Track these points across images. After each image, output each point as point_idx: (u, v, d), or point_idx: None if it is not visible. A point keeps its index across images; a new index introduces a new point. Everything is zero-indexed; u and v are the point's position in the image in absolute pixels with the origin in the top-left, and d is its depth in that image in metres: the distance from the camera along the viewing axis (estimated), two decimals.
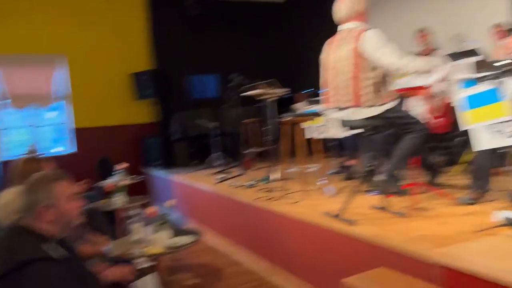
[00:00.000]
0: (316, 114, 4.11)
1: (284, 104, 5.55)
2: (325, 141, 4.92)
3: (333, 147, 5.38)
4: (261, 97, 4.13)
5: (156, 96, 7.66)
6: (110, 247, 2.93)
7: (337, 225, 2.95)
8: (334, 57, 3.08)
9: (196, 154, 7.34)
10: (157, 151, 7.40)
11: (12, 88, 6.98)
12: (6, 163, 6.64)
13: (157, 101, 7.77)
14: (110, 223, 3.73)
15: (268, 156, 5.16)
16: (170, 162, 7.28)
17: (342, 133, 3.97)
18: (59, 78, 7.36)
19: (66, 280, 1.69)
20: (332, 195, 3.87)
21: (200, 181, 5.56)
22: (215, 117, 6.90)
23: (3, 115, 7.06)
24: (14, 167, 3.08)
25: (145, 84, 7.56)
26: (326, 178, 4.42)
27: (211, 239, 4.91)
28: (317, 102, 4.55)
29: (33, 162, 3.03)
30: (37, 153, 4.95)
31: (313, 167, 4.51)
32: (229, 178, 5.39)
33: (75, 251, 1.98)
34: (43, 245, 1.73)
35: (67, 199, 1.85)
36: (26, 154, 4.37)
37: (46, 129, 7.73)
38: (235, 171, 5.93)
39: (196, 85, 8.02)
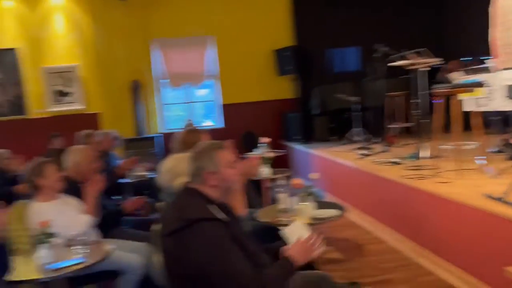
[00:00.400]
0: (477, 85, 3.65)
1: (433, 76, 5.08)
2: (486, 115, 4.37)
3: (495, 122, 4.77)
4: (411, 67, 3.83)
5: (296, 72, 7.74)
6: (257, 213, 3.10)
7: (501, 209, 2.62)
8: (503, 7, 2.65)
9: (335, 129, 7.25)
10: (297, 125, 7.52)
11: (171, 68, 7.78)
12: (166, 135, 7.53)
13: (297, 76, 7.85)
14: (257, 192, 3.94)
15: (416, 132, 4.81)
16: (309, 136, 7.35)
17: (510, 104, 3.46)
18: (210, 58, 7.95)
19: (228, 240, 1.82)
20: (492, 176, 3.44)
21: (341, 156, 5.49)
22: (356, 90, 6.69)
23: (164, 93, 7.96)
24: (177, 137, 3.45)
25: (286, 60, 7.69)
26: (485, 157, 3.95)
27: (353, 214, 4.84)
28: (477, 71, 4.04)
29: (193, 133, 3.35)
30: (195, 126, 5.44)
31: (470, 144, 4.05)
32: (372, 154, 5.21)
33: (234, 215, 2.13)
34: (209, 207, 1.90)
35: (228, 166, 1.99)
36: (185, 127, 4.85)
37: (198, 105, 8.48)
38: (378, 147, 5.69)
39: (336, 58, 7.87)
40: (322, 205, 3.13)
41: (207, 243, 1.79)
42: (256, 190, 3.85)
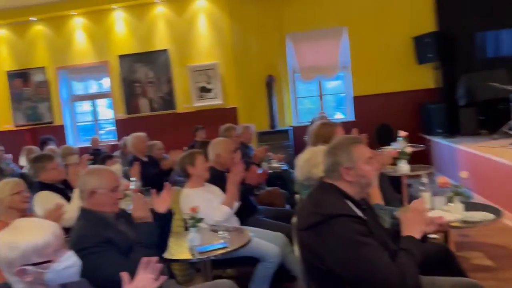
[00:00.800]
0: None
1: None
2: None
3: None
4: None
5: (438, 60, 7.10)
6: (397, 211, 2.93)
7: None
8: None
9: (486, 121, 6.46)
10: (439, 118, 6.90)
11: (303, 62, 7.84)
12: (298, 128, 7.63)
13: (439, 64, 7.20)
14: (395, 189, 3.74)
15: None
16: (454, 130, 6.67)
17: None
18: (341, 49, 7.78)
19: (366, 236, 1.76)
20: None
21: (495, 153, 4.87)
22: None
23: (296, 86, 8.06)
24: (311, 130, 3.45)
25: (426, 47, 7.11)
26: None
27: (508, 219, 4.27)
28: None
29: (327, 126, 3.31)
30: (328, 119, 5.41)
31: None
32: None
33: (371, 211, 2.05)
34: (347, 203, 1.86)
35: (365, 162, 1.91)
36: (317, 120, 4.84)
37: (328, 98, 8.40)
38: None
39: (488, 42, 6.99)
40: (472, 207, 2.82)
41: (344, 239, 1.76)
42: (393, 187, 3.65)
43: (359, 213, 1.84)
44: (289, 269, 3.23)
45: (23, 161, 6.19)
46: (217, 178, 3.39)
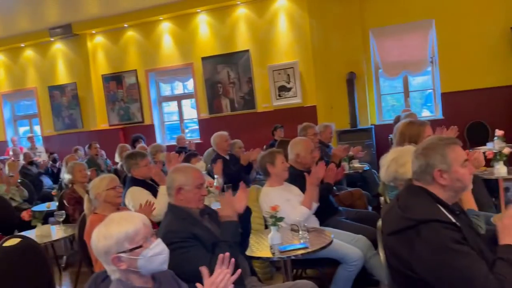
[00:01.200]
0: None
1: None
2: None
3: None
4: None
5: None
6: (493, 217, 2.69)
7: None
8: None
9: None
10: None
11: (387, 58, 7.51)
12: (381, 126, 7.34)
13: None
14: (490, 193, 3.45)
15: None
16: None
17: None
18: (427, 43, 7.33)
19: (460, 243, 1.64)
20: None
21: None
22: None
23: (379, 83, 7.76)
24: (396, 129, 3.30)
25: None
26: None
27: None
28: None
29: (414, 125, 3.14)
30: (416, 117, 5.12)
31: None
32: None
33: (465, 217, 1.90)
34: (439, 208, 1.74)
35: (460, 165, 1.77)
36: (403, 118, 4.61)
37: (414, 94, 7.97)
38: None
39: None
40: None
41: (436, 246, 1.66)
42: (489, 190, 3.37)
43: (453, 219, 1.72)
44: (371, 273, 3.13)
45: (117, 157, 6.69)
46: (296, 177, 3.37)
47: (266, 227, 3.19)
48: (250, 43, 8.27)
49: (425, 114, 7.73)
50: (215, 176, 4.43)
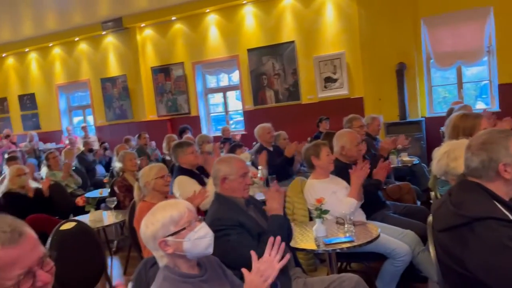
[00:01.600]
0: None
1: None
2: None
3: None
4: None
5: None
6: None
7: None
8: None
9: None
10: None
11: (439, 47, 7.18)
12: (432, 119, 7.07)
13: None
14: None
15: None
16: None
17: None
18: (484, 32, 6.93)
19: None
20: None
21: None
22: None
23: (430, 74, 7.45)
24: (450, 121, 3.15)
25: None
26: None
27: None
28: None
29: (470, 117, 2.99)
30: (470, 109, 4.88)
31: None
32: None
33: None
34: (495, 204, 1.65)
35: None
36: (455, 110, 4.41)
37: (468, 86, 7.59)
38: None
39: None
40: None
41: (492, 244, 1.58)
42: None
43: (510, 216, 1.62)
44: (419, 269, 3.03)
45: (165, 148, 6.88)
46: (342, 170, 3.31)
47: (311, 219, 3.16)
48: (295, 34, 8.19)
49: (480, 106, 7.34)
50: (259, 167, 4.44)
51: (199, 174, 3.87)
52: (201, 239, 1.65)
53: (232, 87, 9.43)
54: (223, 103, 9.63)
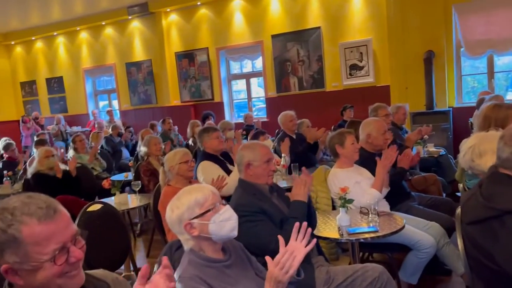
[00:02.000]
0: None
1: None
2: None
3: None
4: None
5: None
6: None
7: None
8: None
9: None
10: None
11: (470, 36, 6.93)
12: (460, 109, 6.88)
13: None
14: None
15: None
16: None
17: None
18: None
19: None
20: None
21: None
22: None
23: (460, 63, 7.23)
24: (480, 112, 3.06)
25: None
26: None
27: None
28: None
29: (502, 108, 2.89)
30: (502, 101, 4.72)
31: None
32: None
33: None
34: None
35: None
36: (487, 100, 4.27)
37: (499, 76, 7.33)
38: None
39: None
40: None
41: None
42: None
43: None
44: (443, 262, 2.99)
45: (189, 133, 6.93)
46: (367, 160, 3.26)
47: (334, 208, 3.15)
48: (321, 20, 8.05)
49: (510, 97, 7.11)
50: (282, 155, 4.43)
51: (223, 160, 3.89)
52: (226, 221, 1.67)
53: (255, 74, 9.38)
54: (246, 89, 9.61)
